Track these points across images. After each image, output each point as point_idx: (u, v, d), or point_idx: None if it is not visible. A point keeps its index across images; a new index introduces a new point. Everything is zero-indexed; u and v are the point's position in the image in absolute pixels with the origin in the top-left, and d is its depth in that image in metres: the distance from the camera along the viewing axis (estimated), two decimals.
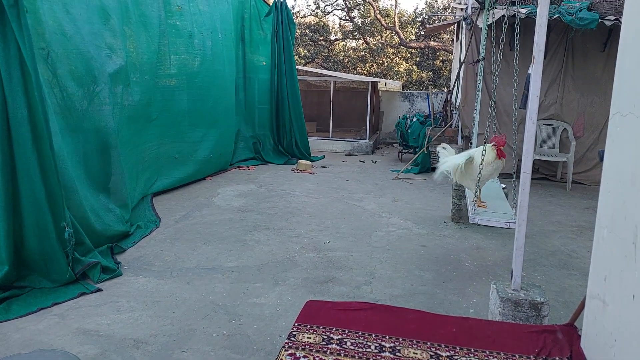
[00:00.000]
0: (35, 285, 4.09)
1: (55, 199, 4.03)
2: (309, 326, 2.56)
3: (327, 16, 22.98)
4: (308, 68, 17.61)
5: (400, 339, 2.44)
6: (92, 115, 5.17)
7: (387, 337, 2.45)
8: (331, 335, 2.47)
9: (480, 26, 7.51)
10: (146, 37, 6.50)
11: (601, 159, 2.12)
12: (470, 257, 5.04)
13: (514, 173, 4.45)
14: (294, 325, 2.58)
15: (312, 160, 10.40)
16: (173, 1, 7.14)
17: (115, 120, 5.50)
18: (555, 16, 7.14)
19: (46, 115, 3.89)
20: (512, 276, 3.26)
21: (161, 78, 7.01)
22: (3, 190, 3.86)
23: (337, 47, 23.07)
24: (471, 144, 6.52)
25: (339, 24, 24.00)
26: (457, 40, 11.56)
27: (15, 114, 3.77)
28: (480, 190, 4.70)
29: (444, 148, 5.36)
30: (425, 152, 9.42)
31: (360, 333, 2.49)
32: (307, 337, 2.45)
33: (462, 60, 9.27)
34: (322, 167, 9.98)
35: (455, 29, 12.17)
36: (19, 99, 3.76)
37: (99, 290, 4.13)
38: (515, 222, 3.37)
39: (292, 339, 2.45)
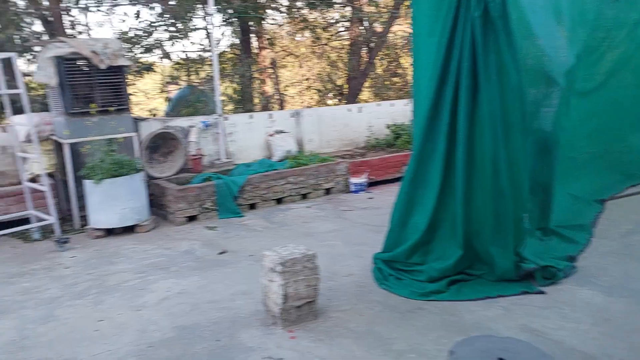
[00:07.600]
0: (480, 275, 4.31)
1: (519, 191, 4.16)
2: None
3: None
4: None
5: None
6: (538, 117, 5.12)
7: None
8: None
9: None
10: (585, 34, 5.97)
11: None
12: None
13: None
14: None
15: None
16: None
17: (556, 122, 5.29)
18: None
19: (525, 115, 4.03)
20: None
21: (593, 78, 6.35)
22: (462, 180, 4.19)
23: None
24: None
25: None
26: None
27: (492, 111, 4.02)
28: None
29: None
30: None
31: None
32: None
33: None
34: None
35: None
36: (495, 101, 4.01)
37: (541, 292, 4.06)
38: None
39: None
